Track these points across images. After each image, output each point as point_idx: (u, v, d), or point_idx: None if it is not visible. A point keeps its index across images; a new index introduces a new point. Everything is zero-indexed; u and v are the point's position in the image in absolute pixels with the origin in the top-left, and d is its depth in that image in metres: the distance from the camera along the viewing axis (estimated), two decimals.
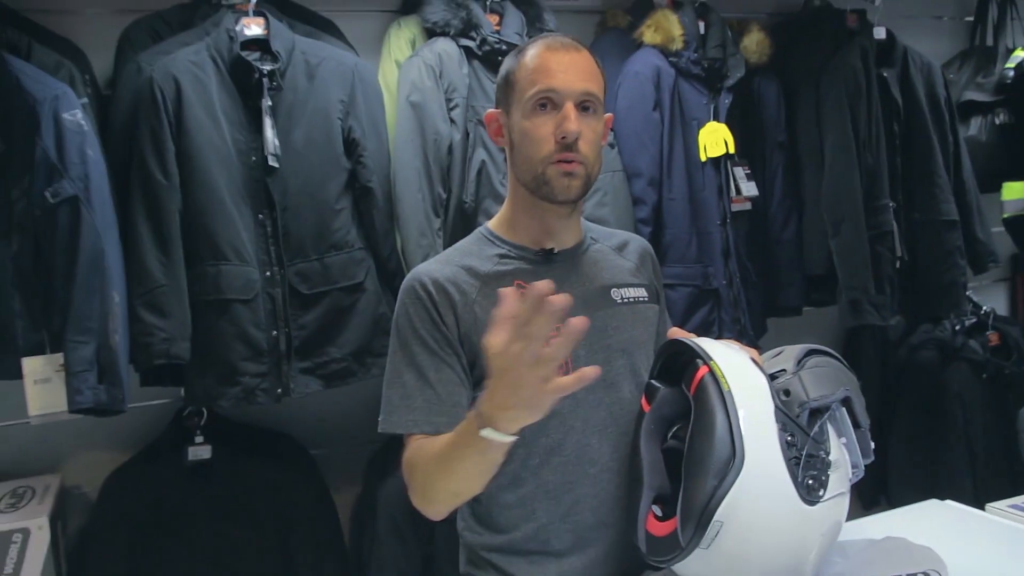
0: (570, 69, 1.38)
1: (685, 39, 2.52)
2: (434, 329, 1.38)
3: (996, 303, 3.33)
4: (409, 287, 1.42)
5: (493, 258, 1.45)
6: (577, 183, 1.39)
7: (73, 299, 1.87)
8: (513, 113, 1.42)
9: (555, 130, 1.36)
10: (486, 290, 1.40)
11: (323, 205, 2.15)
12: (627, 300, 1.49)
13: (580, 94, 1.38)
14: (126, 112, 2.05)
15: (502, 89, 1.46)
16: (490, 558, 1.44)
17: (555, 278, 1.40)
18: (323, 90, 2.16)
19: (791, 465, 1.15)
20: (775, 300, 2.74)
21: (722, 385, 1.17)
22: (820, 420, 1.22)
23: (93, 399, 1.87)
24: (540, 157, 1.38)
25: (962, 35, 3.37)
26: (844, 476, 1.22)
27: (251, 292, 2.08)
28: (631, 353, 1.46)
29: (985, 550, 1.41)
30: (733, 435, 1.13)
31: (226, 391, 2.07)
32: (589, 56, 1.43)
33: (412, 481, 1.33)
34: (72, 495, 2.28)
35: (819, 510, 1.16)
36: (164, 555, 2.13)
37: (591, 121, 1.40)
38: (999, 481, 2.89)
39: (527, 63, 1.40)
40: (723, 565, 1.17)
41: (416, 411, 1.36)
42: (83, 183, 1.88)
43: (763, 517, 1.14)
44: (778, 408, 1.18)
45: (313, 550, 2.25)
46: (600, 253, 1.53)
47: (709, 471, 1.13)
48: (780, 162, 2.71)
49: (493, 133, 1.49)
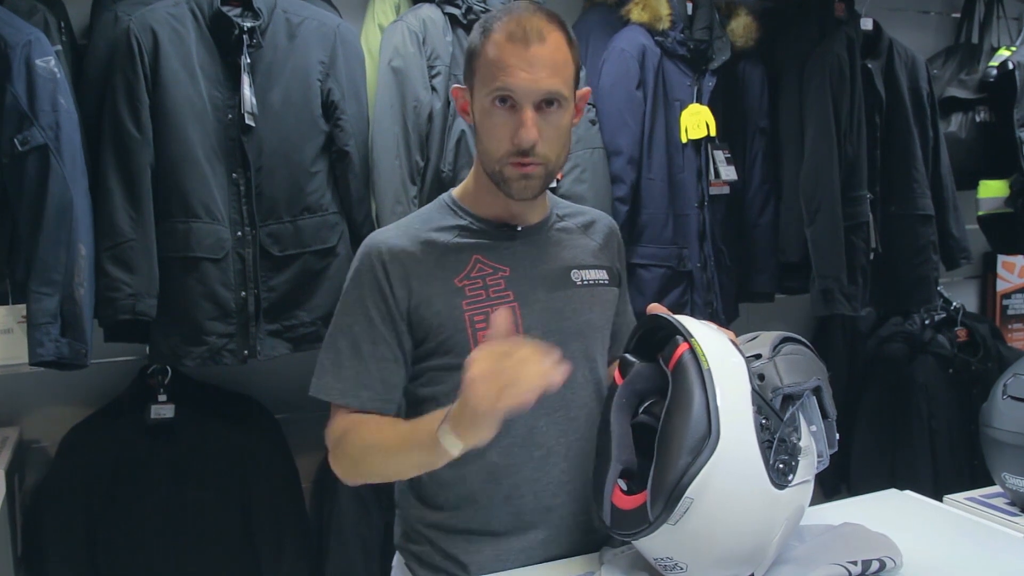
0: (532, 65, 1.29)
1: (672, 19, 2.50)
2: (381, 302, 1.36)
3: (966, 300, 3.36)
4: (364, 253, 1.40)
5: (454, 229, 1.42)
6: (535, 183, 1.36)
7: (38, 250, 1.84)
8: (476, 95, 1.36)
9: (512, 134, 1.31)
10: (444, 261, 1.38)
11: (298, 167, 2.13)
12: (587, 282, 1.47)
13: (541, 94, 1.31)
14: (101, 62, 2.02)
15: (467, 65, 1.39)
16: (427, 533, 1.43)
17: (515, 255, 1.41)
18: (303, 50, 2.13)
19: (764, 448, 1.15)
20: (748, 285, 2.75)
21: (702, 363, 1.17)
22: (792, 406, 1.23)
23: (55, 352, 1.85)
24: (497, 156, 1.34)
25: (948, 31, 3.38)
26: (812, 463, 1.23)
27: (221, 251, 2.05)
28: (586, 336, 1.45)
29: (940, 540, 1.42)
30: (710, 413, 1.14)
31: (192, 350, 2.05)
32: (558, 40, 1.33)
33: (341, 452, 1.36)
34: (30, 449, 2.25)
35: (787, 494, 1.17)
36: (122, 513, 2.12)
37: (554, 116, 1.33)
38: (959, 474, 2.93)
39: (488, 52, 1.32)
40: (687, 542, 1.17)
41: (345, 380, 1.37)
42: (53, 132, 1.85)
43: (732, 497, 1.14)
44: (754, 391, 1.18)
45: (273, 515, 2.24)
46: (565, 232, 1.50)
47: (684, 448, 1.13)
48: (760, 148, 2.70)
49: (459, 108, 1.44)
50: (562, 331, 1.41)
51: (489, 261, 1.40)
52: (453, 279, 1.37)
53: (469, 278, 1.38)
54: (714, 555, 1.18)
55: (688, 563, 1.19)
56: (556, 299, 1.41)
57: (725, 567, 1.19)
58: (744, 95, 2.69)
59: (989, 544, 1.43)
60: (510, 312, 1.19)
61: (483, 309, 1.36)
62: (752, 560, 1.19)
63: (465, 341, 1.35)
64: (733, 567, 1.19)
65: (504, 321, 1.15)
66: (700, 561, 1.19)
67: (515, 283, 1.40)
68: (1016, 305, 3.66)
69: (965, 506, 1.66)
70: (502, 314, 1.16)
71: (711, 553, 1.18)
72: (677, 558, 1.19)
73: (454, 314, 1.36)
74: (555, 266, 1.45)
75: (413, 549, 1.45)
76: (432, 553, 1.42)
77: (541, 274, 1.42)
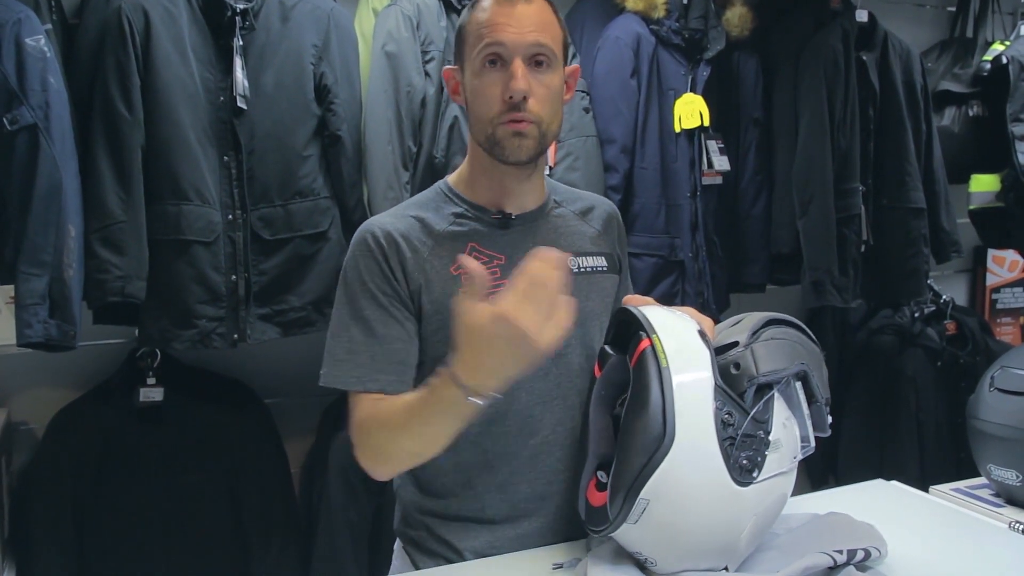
0: (520, 21, 1.31)
1: (667, 7, 2.50)
2: (384, 283, 1.35)
3: (956, 293, 3.37)
4: (361, 238, 1.38)
5: (449, 217, 1.41)
6: (529, 143, 1.34)
7: (27, 230, 1.83)
8: (466, 70, 1.36)
9: (503, 91, 1.31)
10: (439, 250, 1.37)
11: (290, 151, 2.12)
12: (584, 270, 1.46)
13: (530, 47, 1.31)
14: (92, 42, 2.00)
15: (457, 44, 1.40)
16: (424, 520, 1.43)
17: (511, 243, 1.40)
18: (297, 33, 2.12)
19: (725, 446, 1.13)
20: (739, 276, 2.75)
21: (660, 361, 1.15)
22: (765, 397, 1.20)
23: (43, 333, 1.84)
24: (490, 117, 1.33)
25: (943, 24, 3.38)
26: (787, 455, 1.20)
27: (212, 234, 2.05)
28: (583, 324, 1.42)
29: (925, 531, 1.43)
30: (666, 413, 1.12)
31: (181, 334, 2.04)
32: (543, 5, 1.35)
33: (365, 441, 1.31)
34: (18, 431, 2.25)
35: (752, 491, 1.15)
36: (110, 496, 2.11)
37: (544, 76, 1.33)
38: (945, 466, 2.94)
39: (477, 16, 1.34)
40: (651, 540, 1.18)
41: (362, 367, 1.33)
42: (43, 112, 1.84)
43: (691, 497, 1.13)
44: (718, 386, 1.16)
45: (262, 499, 2.24)
46: (561, 218, 1.49)
47: (639, 448, 1.12)
48: (754, 138, 2.70)
49: (451, 91, 1.42)
50: None
51: (485, 249, 1.39)
52: (449, 267, 1.36)
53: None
54: (679, 551, 1.18)
55: (656, 559, 1.20)
56: None
57: (693, 562, 1.19)
58: (738, 85, 2.69)
59: (973, 534, 1.44)
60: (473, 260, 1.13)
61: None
62: (723, 554, 1.19)
63: None
64: (701, 561, 1.19)
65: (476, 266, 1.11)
66: (667, 557, 1.19)
67: (511, 271, 1.38)
68: (1005, 299, 3.67)
69: (951, 497, 1.67)
70: (469, 261, 1.11)
71: (676, 549, 1.18)
72: (645, 553, 1.20)
73: (450, 303, 1.35)
74: None
75: (411, 534, 1.45)
76: (428, 538, 1.42)
77: None
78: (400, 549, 1.49)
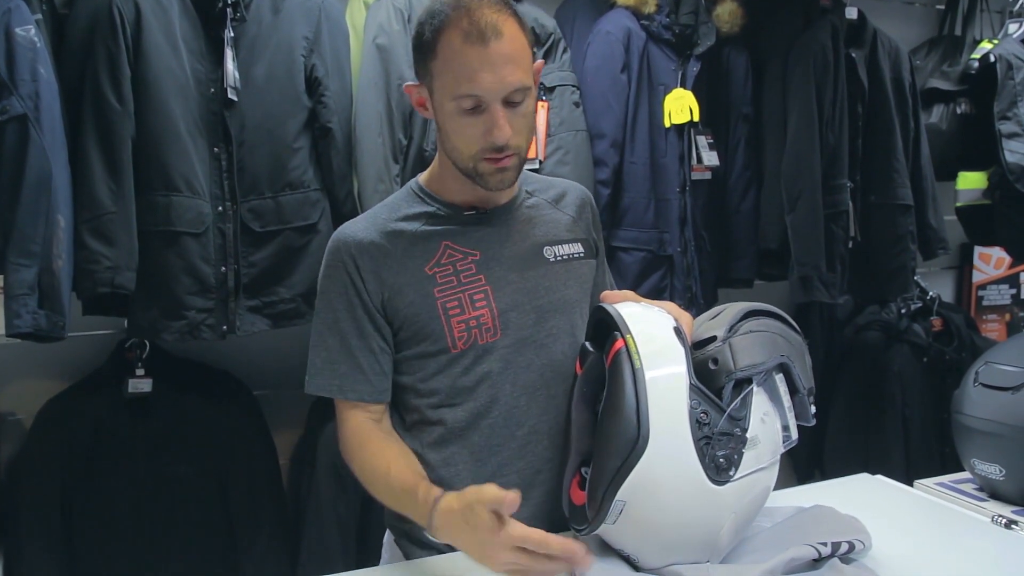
0: (494, 64, 1.26)
1: (658, 3, 2.51)
2: (355, 296, 1.37)
3: (942, 290, 3.39)
4: (334, 249, 1.40)
5: (421, 217, 1.41)
6: (511, 174, 1.35)
7: (16, 220, 1.82)
8: (436, 95, 1.32)
9: (484, 134, 1.29)
10: (413, 250, 1.38)
11: (281, 142, 2.12)
12: (560, 258, 1.46)
13: (508, 91, 1.28)
14: (82, 33, 1.99)
15: (419, 60, 1.34)
16: None
17: (484, 239, 1.41)
18: (288, 25, 2.12)
19: (700, 445, 1.14)
20: (728, 271, 2.76)
21: (634, 362, 1.15)
22: (744, 392, 1.20)
23: (32, 324, 1.83)
24: (470, 154, 1.32)
25: (932, 22, 3.40)
26: (766, 451, 1.20)
27: (202, 226, 2.04)
28: (565, 312, 1.44)
29: (909, 524, 1.44)
30: (640, 415, 1.12)
31: (170, 325, 2.04)
32: (512, 31, 1.28)
33: (349, 458, 1.39)
34: (6, 421, 2.24)
35: (729, 489, 1.16)
36: (98, 487, 2.11)
37: (521, 108, 1.31)
38: (930, 460, 2.97)
39: (445, 55, 1.28)
40: (630, 538, 1.20)
41: (341, 377, 1.38)
42: (33, 102, 1.83)
43: (667, 498, 1.14)
44: (693, 385, 1.16)
45: (250, 490, 2.24)
46: (535, 208, 1.49)
47: (614, 451, 1.13)
48: (743, 134, 2.71)
49: (416, 104, 1.39)
50: (539, 309, 1.41)
51: (458, 246, 1.39)
52: (423, 267, 1.37)
53: (439, 265, 1.38)
54: (659, 549, 1.19)
55: (638, 555, 1.21)
56: (529, 279, 1.41)
57: (674, 558, 1.20)
58: (728, 81, 2.70)
59: (956, 528, 1.46)
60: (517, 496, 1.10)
61: (455, 295, 1.37)
62: (703, 550, 1.20)
63: (439, 328, 1.36)
64: (683, 557, 1.20)
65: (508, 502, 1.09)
66: (648, 553, 1.20)
67: (485, 266, 1.40)
68: (991, 296, 3.70)
69: (934, 491, 1.69)
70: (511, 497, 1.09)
71: (655, 547, 1.19)
72: (628, 550, 1.22)
73: (427, 302, 1.36)
74: (526, 245, 1.43)
75: (402, 527, 1.45)
76: (419, 530, 1.42)
77: (511, 255, 1.41)
78: (391, 542, 1.50)
